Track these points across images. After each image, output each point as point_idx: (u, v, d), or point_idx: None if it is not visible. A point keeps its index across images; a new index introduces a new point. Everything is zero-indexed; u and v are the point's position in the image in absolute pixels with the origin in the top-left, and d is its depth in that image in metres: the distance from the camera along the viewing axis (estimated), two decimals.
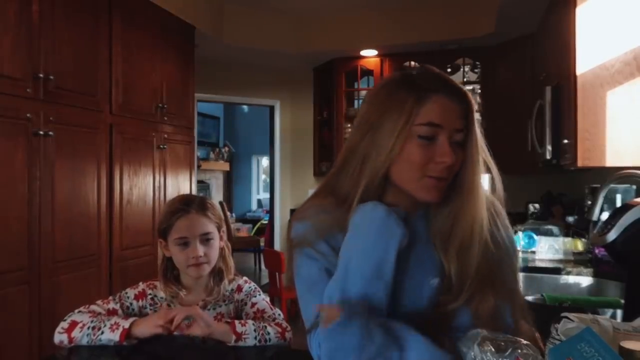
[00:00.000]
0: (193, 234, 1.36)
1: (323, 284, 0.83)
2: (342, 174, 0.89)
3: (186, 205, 1.38)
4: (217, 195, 9.00)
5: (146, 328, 1.25)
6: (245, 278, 1.50)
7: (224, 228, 1.47)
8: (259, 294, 1.45)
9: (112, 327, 1.23)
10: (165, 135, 3.31)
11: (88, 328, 1.24)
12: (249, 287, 1.46)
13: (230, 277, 1.45)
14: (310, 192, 1.01)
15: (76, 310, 1.32)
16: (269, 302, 1.44)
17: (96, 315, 1.30)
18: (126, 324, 1.24)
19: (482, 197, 0.85)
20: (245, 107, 9.58)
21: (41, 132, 2.29)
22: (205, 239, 1.38)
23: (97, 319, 1.27)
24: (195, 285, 1.42)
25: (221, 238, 1.44)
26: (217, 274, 1.44)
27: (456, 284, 0.84)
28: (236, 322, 1.27)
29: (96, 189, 2.69)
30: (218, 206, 1.47)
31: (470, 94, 0.85)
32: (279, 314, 1.40)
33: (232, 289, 1.45)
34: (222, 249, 1.44)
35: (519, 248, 2.29)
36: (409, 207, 0.88)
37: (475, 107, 0.86)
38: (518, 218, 3.33)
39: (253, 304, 1.41)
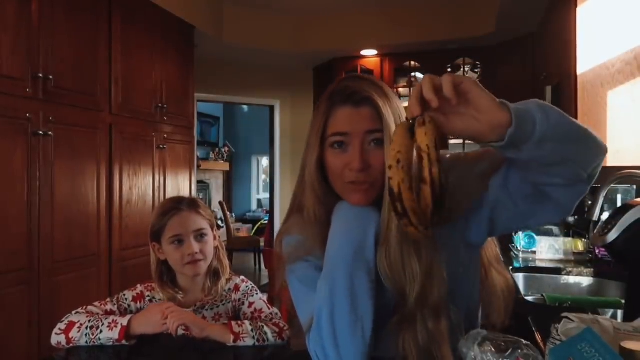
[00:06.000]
0: (187, 230, 1.37)
1: (319, 278, 0.85)
2: (304, 190, 0.92)
3: (178, 204, 1.40)
4: (217, 196, 8.99)
5: (148, 327, 1.24)
6: (242, 277, 1.49)
7: (216, 229, 1.47)
8: (256, 294, 1.45)
9: (111, 326, 1.23)
10: (165, 135, 3.31)
11: (86, 328, 1.24)
12: (246, 287, 1.46)
13: (226, 276, 1.45)
14: None
15: (73, 312, 1.32)
16: (266, 301, 1.44)
17: (93, 315, 1.29)
18: (124, 321, 1.23)
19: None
20: (245, 107, 9.57)
21: (41, 132, 2.29)
22: (200, 235, 1.38)
23: (94, 318, 1.26)
24: (192, 286, 1.41)
25: (215, 237, 1.44)
26: (214, 273, 1.44)
27: (390, 286, 0.84)
28: (233, 322, 1.26)
29: (96, 189, 2.69)
30: (208, 207, 1.48)
31: (377, 97, 0.85)
32: (277, 314, 1.40)
33: (229, 289, 1.45)
34: (216, 248, 1.45)
35: (519, 247, 2.28)
36: None
37: (388, 108, 0.86)
38: None
39: (250, 304, 1.41)
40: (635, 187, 2.11)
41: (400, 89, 4.68)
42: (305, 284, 0.88)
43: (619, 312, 1.52)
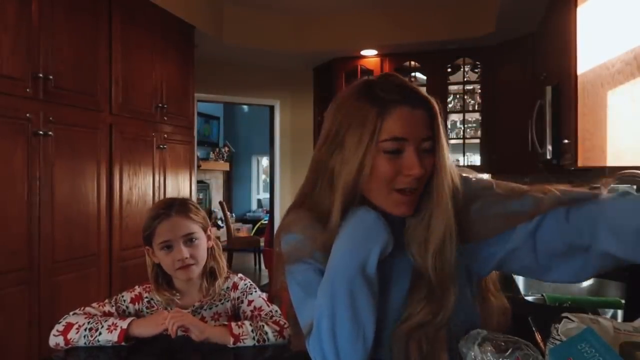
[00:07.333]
0: (176, 236, 1.35)
1: (318, 283, 0.83)
2: (317, 189, 0.88)
3: (167, 208, 1.37)
4: (217, 196, 8.99)
5: (147, 329, 1.24)
6: (240, 275, 1.49)
7: (211, 228, 1.46)
8: (255, 291, 1.44)
9: (110, 328, 1.23)
10: (165, 135, 3.31)
11: (85, 329, 1.24)
12: (245, 285, 1.45)
13: (223, 275, 1.45)
14: None
15: (71, 313, 1.32)
16: (265, 298, 1.43)
17: (92, 316, 1.29)
18: (124, 324, 1.23)
19: (449, 202, 0.83)
20: (245, 107, 9.57)
21: (41, 132, 2.29)
22: (189, 240, 1.37)
23: (93, 320, 1.26)
24: (189, 287, 1.41)
25: (209, 238, 1.43)
26: (210, 273, 1.43)
27: (438, 290, 0.83)
28: (233, 324, 1.26)
29: (96, 189, 2.68)
30: (201, 208, 1.47)
31: (434, 100, 0.83)
32: (277, 311, 1.39)
33: (227, 287, 1.44)
34: (211, 248, 1.44)
35: None
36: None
37: (439, 112, 0.83)
38: None
39: (250, 302, 1.41)
40: (635, 187, 2.11)
41: None
42: (304, 287, 0.86)
43: (619, 312, 1.52)
